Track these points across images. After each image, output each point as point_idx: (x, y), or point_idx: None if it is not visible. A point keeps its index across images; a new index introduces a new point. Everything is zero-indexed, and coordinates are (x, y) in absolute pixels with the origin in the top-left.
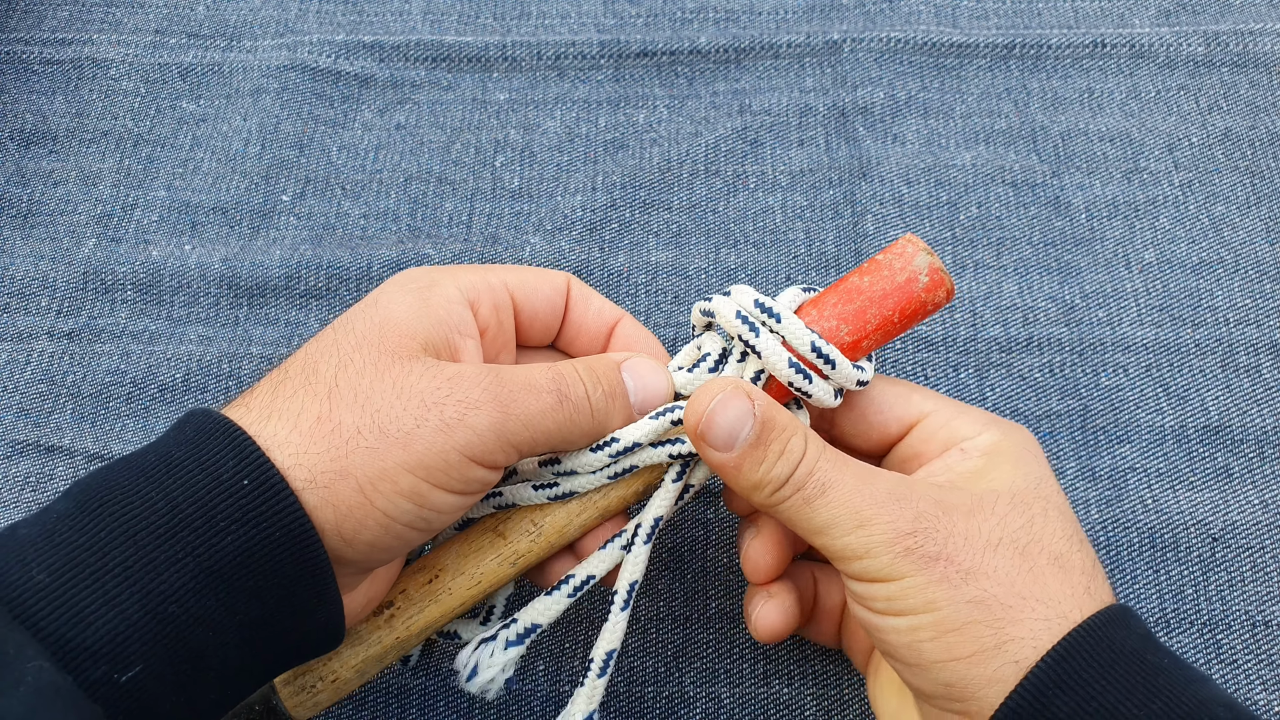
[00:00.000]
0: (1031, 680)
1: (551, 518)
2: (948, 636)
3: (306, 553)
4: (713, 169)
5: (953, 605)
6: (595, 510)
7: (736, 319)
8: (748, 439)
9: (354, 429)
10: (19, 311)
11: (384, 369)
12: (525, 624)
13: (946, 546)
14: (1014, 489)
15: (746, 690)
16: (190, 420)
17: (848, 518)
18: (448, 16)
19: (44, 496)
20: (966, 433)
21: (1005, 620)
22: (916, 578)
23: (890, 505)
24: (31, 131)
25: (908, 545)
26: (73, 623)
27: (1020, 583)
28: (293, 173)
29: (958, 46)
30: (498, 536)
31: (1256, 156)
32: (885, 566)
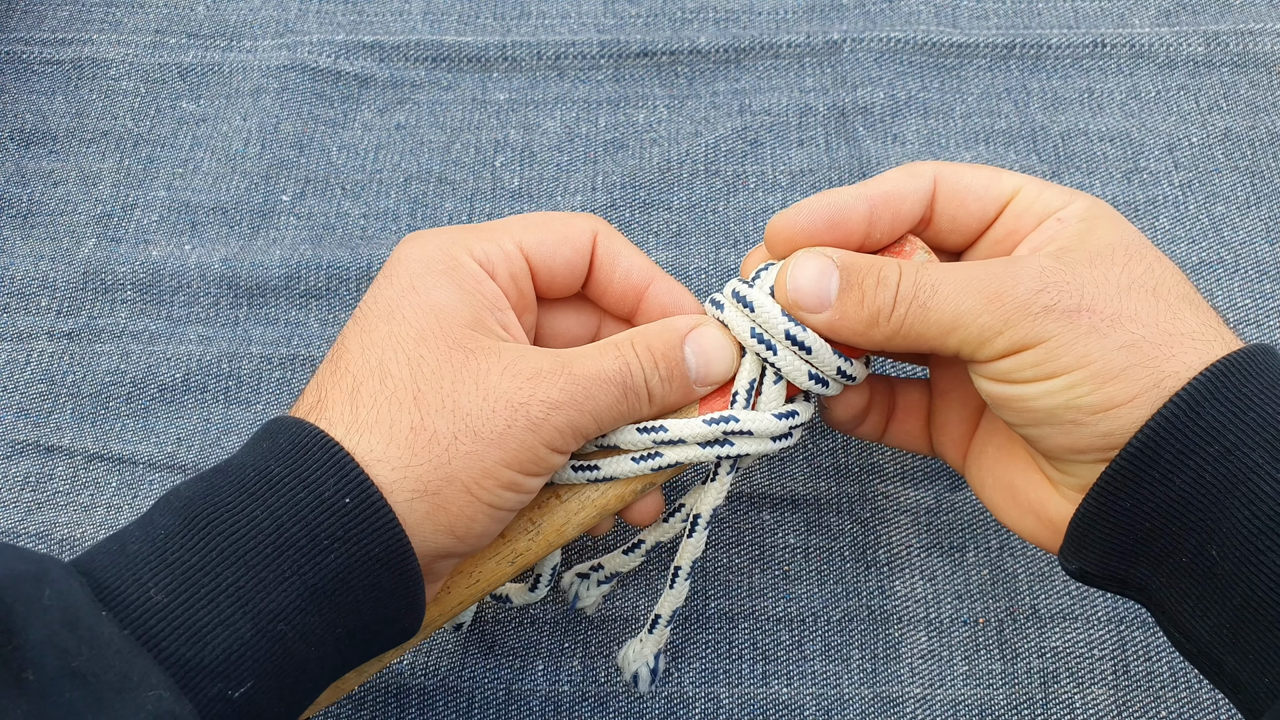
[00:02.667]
0: (1183, 395)
1: (550, 517)
2: (1107, 387)
3: (403, 567)
4: (713, 169)
5: (1106, 354)
6: (594, 509)
7: (753, 339)
8: (837, 288)
9: (450, 436)
10: (19, 311)
11: (459, 367)
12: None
13: (1084, 296)
14: (1125, 242)
15: (745, 690)
16: (282, 432)
17: (973, 300)
18: (448, 16)
19: (44, 496)
20: (1057, 203)
21: (1159, 358)
22: (1063, 334)
23: (1011, 274)
24: (31, 131)
25: (1044, 303)
26: (192, 643)
27: (1163, 321)
28: (293, 173)
29: (958, 46)
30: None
31: (1256, 156)
32: (1028, 332)
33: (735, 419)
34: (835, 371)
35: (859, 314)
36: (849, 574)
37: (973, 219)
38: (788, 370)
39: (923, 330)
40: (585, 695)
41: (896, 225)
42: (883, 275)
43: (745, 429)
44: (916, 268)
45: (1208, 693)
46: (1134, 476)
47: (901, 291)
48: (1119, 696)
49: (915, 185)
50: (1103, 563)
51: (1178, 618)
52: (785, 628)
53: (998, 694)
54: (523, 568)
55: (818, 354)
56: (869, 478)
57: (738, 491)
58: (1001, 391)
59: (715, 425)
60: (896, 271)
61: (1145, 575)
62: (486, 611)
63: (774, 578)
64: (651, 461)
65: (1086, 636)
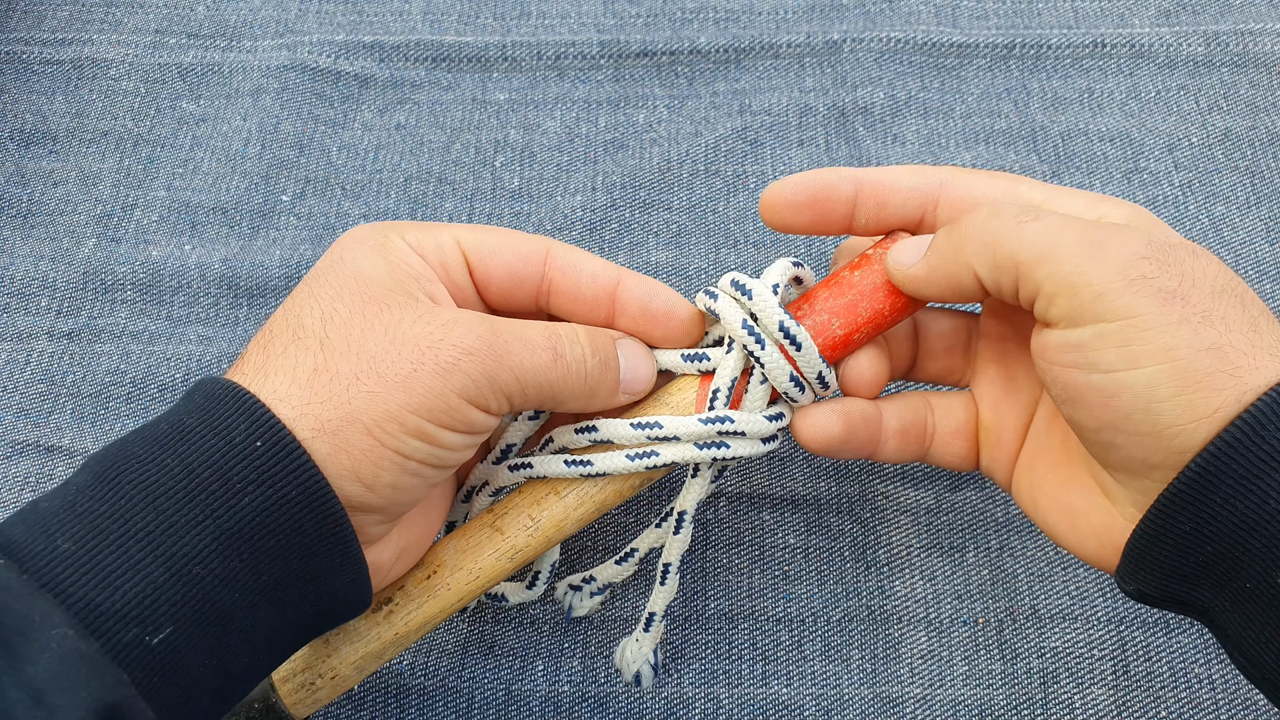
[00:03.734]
0: (1253, 412)
1: (549, 512)
2: (1189, 393)
3: (324, 509)
4: (713, 169)
5: (1193, 352)
6: (592, 505)
7: (743, 330)
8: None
9: (351, 375)
10: (19, 311)
11: (372, 318)
12: (603, 582)
13: (1182, 283)
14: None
15: (745, 691)
16: (199, 388)
17: (1073, 238)
18: (448, 16)
19: None
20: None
21: (1245, 368)
22: (1152, 315)
23: (1116, 230)
24: (31, 131)
25: (1143, 271)
26: (100, 587)
27: (1249, 332)
28: (293, 173)
29: (958, 46)
30: (495, 531)
31: (1256, 156)
32: (1116, 301)
33: (730, 419)
34: (816, 376)
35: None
36: (849, 574)
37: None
38: (771, 367)
39: (1015, 251)
40: (585, 695)
41: (882, 217)
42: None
43: (739, 429)
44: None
45: (1207, 693)
46: (1195, 498)
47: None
48: (1119, 696)
49: (913, 183)
50: (1162, 585)
51: (1241, 643)
52: (785, 628)
53: (998, 694)
54: (522, 563)
55: (806, 351)
56: (869, 478)
57: (737, 491)
58: (1073, 379)
59: (710, 425)
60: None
61: (1207, 598)
62: (486, 611)
63: (774, 578)
64: (646, 460)
65: (1086, 636)
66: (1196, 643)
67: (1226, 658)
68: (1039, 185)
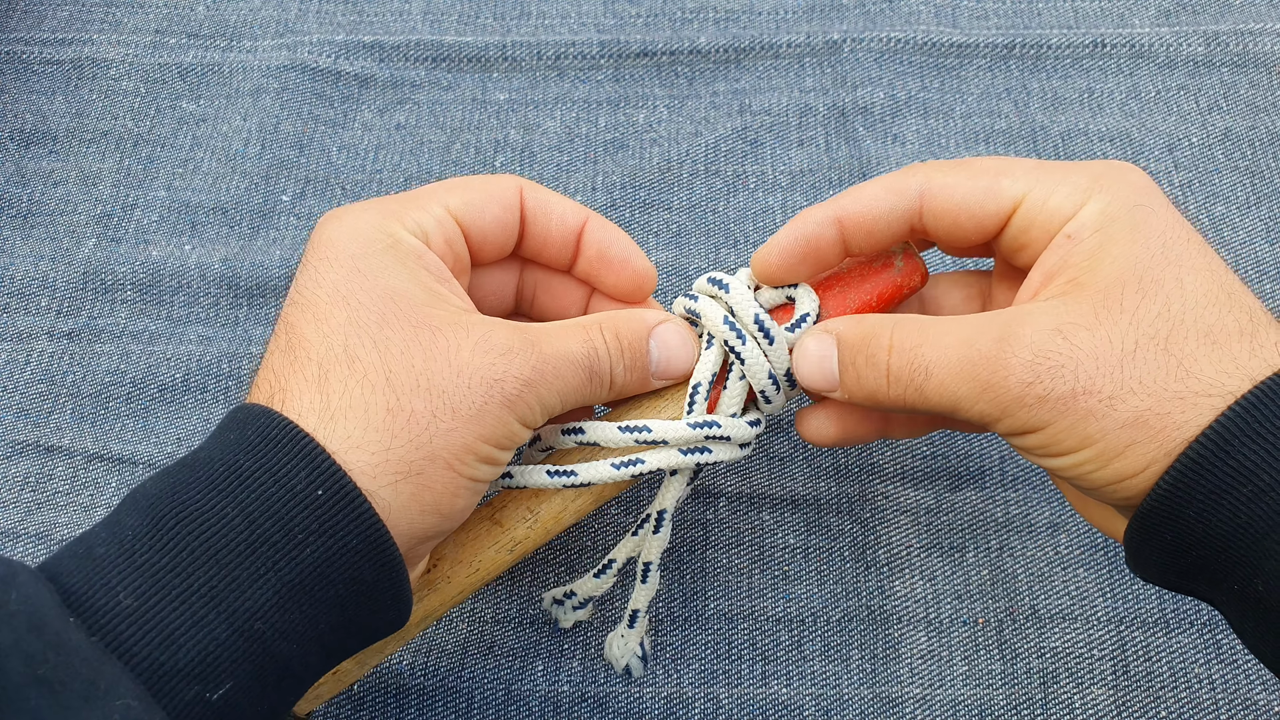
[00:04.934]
0: (1190, 455)
1: (548, 505)
2: (1113, 464)
3: (384, 556)
4: (713, 169)
5: (1107, 435)
6: (590, 496)
7: (725, 325)
8: (837, 369)
9: (429, 414)
10: (19, 311)
11: (427, 345)
12: (583, 596)
13: (1079, 378)
14: (1139, 268)
15: (745, 691)
16: (250, 423)
17: (966, 389)
18: (448, 16)
19: (44, 496)
20: (1068, 209)
21: (1167, 429)
22: (1060, 421)
23: (1001, 357)
24: (31, 131)
25: (1038, 394)
26: (163, 647)
27: (1172, 383)
28: (293, 173)
29: (958, 46)
30: (494, 524)
31: (1256, 156)
32: (1025, 421)
33: (717, 424)
34: (785, 374)
35: (860, 392)
36: (849, 574)
37: (971, 235)
38: (750, 363)
39: (925, 409)
40: (585, 695)
41: (875, 242)
42: (870, 355)
43: (725, 434)
44: (908, 338)
45: (1207, 693)
46: (1162, 521)
47: (893, 371)
48: (1119, 696)
49: (892, 204)
50: (1161, 577)
51: (1242, 632)
52: (785, 628)
53: (997, 694)
54: (521, 555)
55: (777, 346)
56: (869, 478)
57: (737, 492)
58: (1021, 454)
59: (698, 430)
60: (885, 348)
61: (1205, 591)
62: (486, 611)
63: (774, 578)
64: (631, 469)
65: (1086, 637)
66: (1196, 643)
67: (1227, 658)
68: (1024, 169)
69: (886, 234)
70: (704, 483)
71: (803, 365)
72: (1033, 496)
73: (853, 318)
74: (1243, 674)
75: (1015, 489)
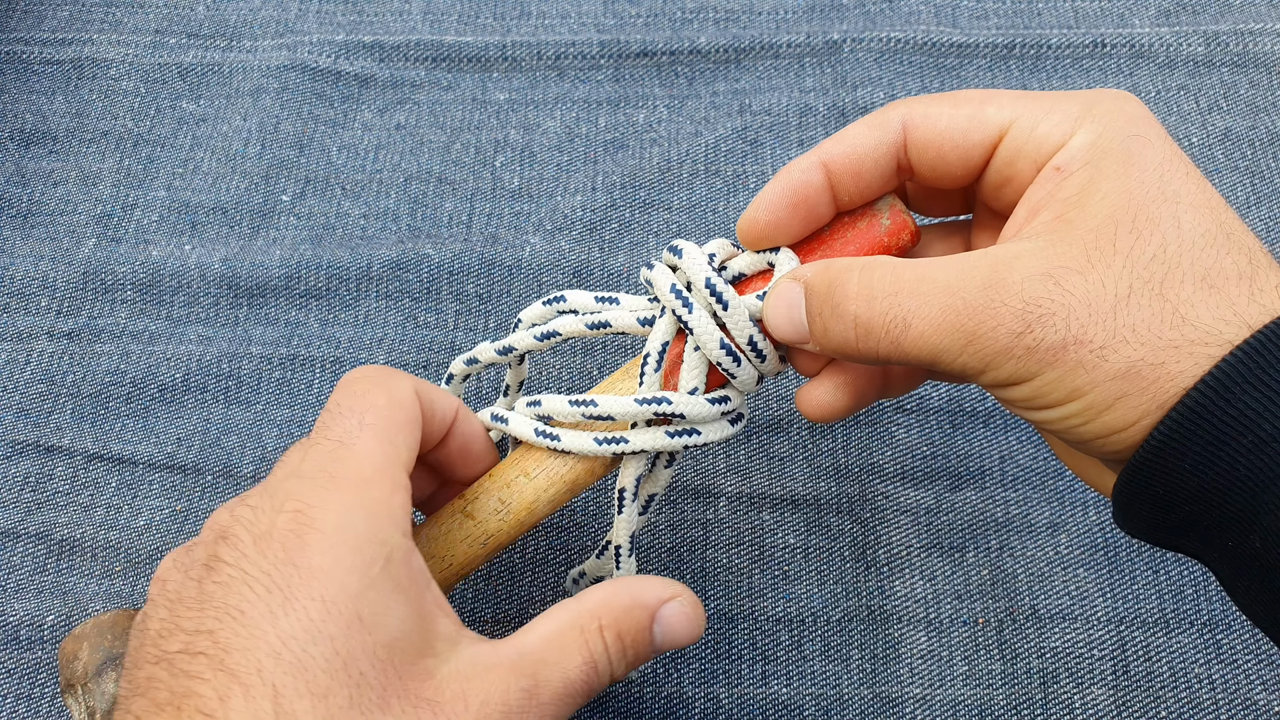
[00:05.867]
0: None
1: (519, 495)
2: (1103, 417)
3: None
4: (713, 169)
5: (1098, 387)
6: (563, 485)
7: (671, 294)
8: (805, 318)
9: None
10: (19, 311)
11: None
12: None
13: (1070, 327)
14: (1133, 204)
15: (745, 691)
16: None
17: (949, 340)
18: (448, 16)
19: (44, 496)
20: (1056, 137)
21: (1160, 379)
22: (1048, 374)
23: (990, 306)
24: (31, 131)
25: (1027, 345)
26: None
27: (1167, 331)
28: (293, 173)
29: (958, 46)
30: (466, 518)
31: (1256, 156)
32: (1011, 373)
33: (668, 400)
34: (747, 342)
35: (829, 344)
36: (849, 574)
37: (956, 169)
38: (700, 332)
39: (901, 361)
40: None
41: (864, 185)
42: (836, 303)
43: (677, 411)
44: (881, 292)
45: (1207, 693)
46: (1153, 475)
47: (861, 321)
48: (1119, 696)
49: (877, 139)
50: (1151, 534)
51: (1234, 591)
52: (785, 628)
53: (997, 694)
54: (495, 549)
55: (733, 311)
56: (869, 478)
57: (737, 492)
58: (1006, 406)
59: (646, 406)
60: (852, 295)
61: (1196, 548)
62: (485, 611)
63: (774, 578)
64: (614, 446)
65: (1086, 636)
66: (1196, 643)
67: (1226, 658)
68: (1011, 96)
69: (874, 174)
70: (704, 482)
71: (771, 316)
72: (1033, 496)
73: (822, 262)
74: (1243, 674)
75: (1015, 489)
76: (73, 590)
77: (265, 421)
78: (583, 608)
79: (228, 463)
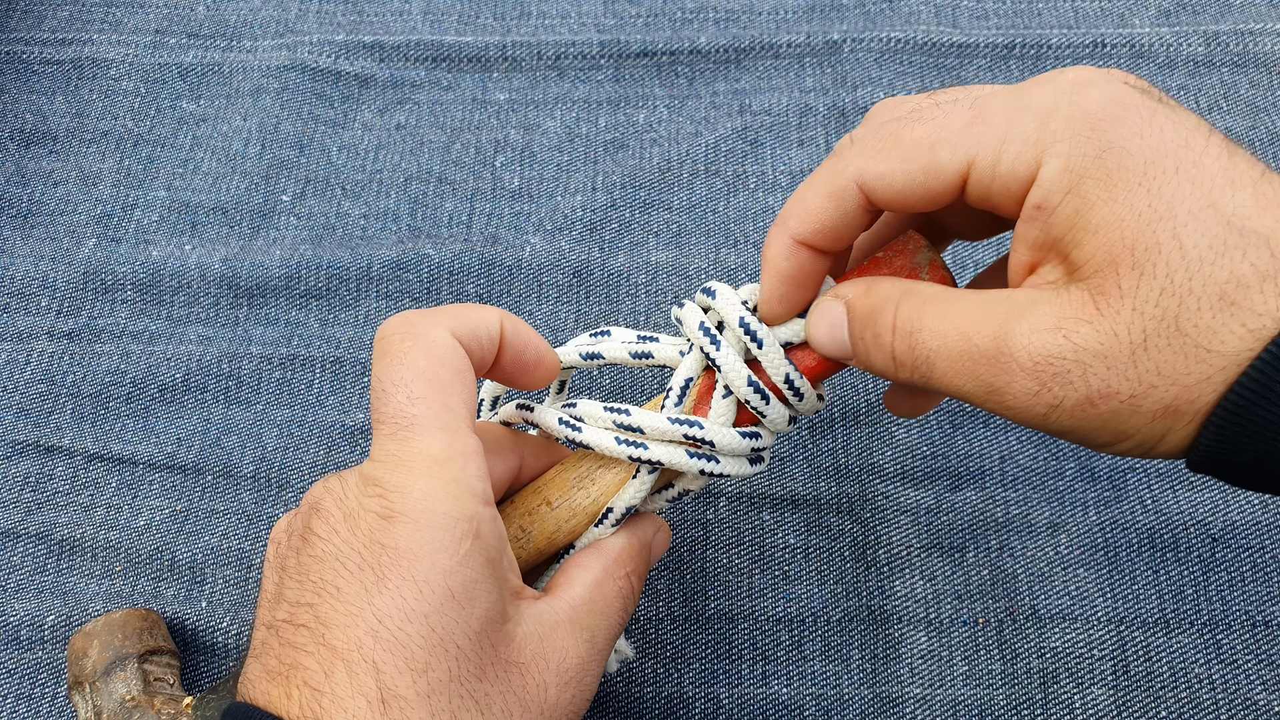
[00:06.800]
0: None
1: (540, 525)
2: (1158, 448)
3: None
4: (713, 169)
5: (1141, 430)
6: (584, 517)
7: (699, 331)
8: (847, 338)
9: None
10: (19, 311)
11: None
12: None
13: (1090, 383)
14: (1128, 237)
15: (745, 691)
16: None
17: (970, 386)
18: (448, 16)
19: (44, 496)
20: (1021, 171)
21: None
22: (1085, 425)
23: (1000, 360)
24: (31, 131)
25: (1048, 402)
26: None
27: (1194, 367)
28: (293, 173)
29: (958, 46)
30: None
31: (1257, 156)
32: (1046, 426)
33: (699, 424)
34: (783, 380)
35: (873, 369)
36: (849, 574)
37: (930, 208)
38: (727, 369)
39: (943, 393)
40: None
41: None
42: (876, 333)
43: (707, 438)
44: (909, 327)
45: (1207, 693)
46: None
47: (897, 354)
48: (1119, 696)
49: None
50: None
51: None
52: (785, 628)
53: (998, 694)
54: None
55: (768, 350)
56: (869, 478)
57: (737, 492)
58: None
59: (677, 425)
60: (889, 328)
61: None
62: None
63: (774, 578)
64: (631, 449)
65: (1086, 636)
66: (1196, 643)
67: (1226, 658)
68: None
69: (849, 236)
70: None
71: (813, 334)
72: (1033, 496)
73: (864, 283)
74: (1243, 674)
75: (1015, 489)
76: (73, 590)
77: (265, 421)
78: (610, 558)
79: (228, 463)
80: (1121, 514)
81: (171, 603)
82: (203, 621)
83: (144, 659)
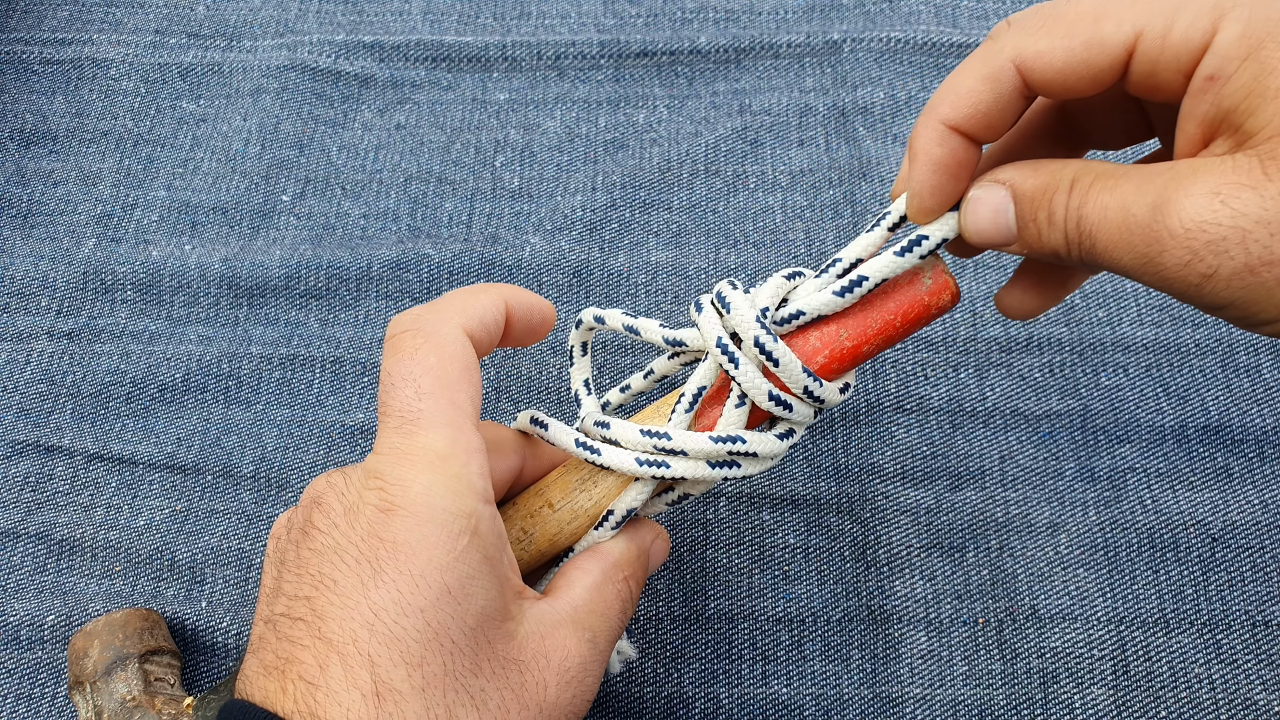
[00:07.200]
0: None
1: (542, 527)
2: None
3: None
4: (713, 169)
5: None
6: (586, 519)
7: (717, 348)
8: (1015, 222)
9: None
10: (19, 311)
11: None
12: None
13: (1250, 251)
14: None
15: (745, 691)
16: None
17: (1129, 260)
18: (448, 16)
19: (44, 496)
20: (1195, 39)
21: None
22: (1247, 296)
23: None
24: (31, 131)
25: (1201, 273)
26: None
27: None
28: (293, 173)
29: (958, 46)
30: None
31: None
32: (1202, 299)
33: (742, 439)
34: (802, 390)
35: (1042, 250)
36: (849, 574)
37: (1091, 90)
38: (748, 385)
39: (1110, 270)
40: None
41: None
42: (1051, 213)
43: (751, 450)
44: (1078, 204)
45: (1207, 693)
46: None
47: (1069, 232)
48: (1119, 696)
49: (995, 93)
50: None
51: None
52: (785, 628)
53: (997, 694)
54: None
55: (786, 367)
56: (869, 478)
57: (737, 492)
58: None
59: (721, 445)
60: (1063, 206)
61: None
62: None
63: (774, 578)
64: (655, 469)
65: (1086, 636)
66: (1196, 643)
67: (1226, 658)
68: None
69: (1003, 125)
70: None
71: (973, 222)
72: (1033, 496)
73: (1027, 165)
74: (1243, 674)
75: (1015, 489)
76: (73, 590)
77: (265, 421)
78: (609, 562)
79: (228, 463)
80: (1121, 514)
81: (171, 603)
82: (203, 621)
83: (144, 659)
